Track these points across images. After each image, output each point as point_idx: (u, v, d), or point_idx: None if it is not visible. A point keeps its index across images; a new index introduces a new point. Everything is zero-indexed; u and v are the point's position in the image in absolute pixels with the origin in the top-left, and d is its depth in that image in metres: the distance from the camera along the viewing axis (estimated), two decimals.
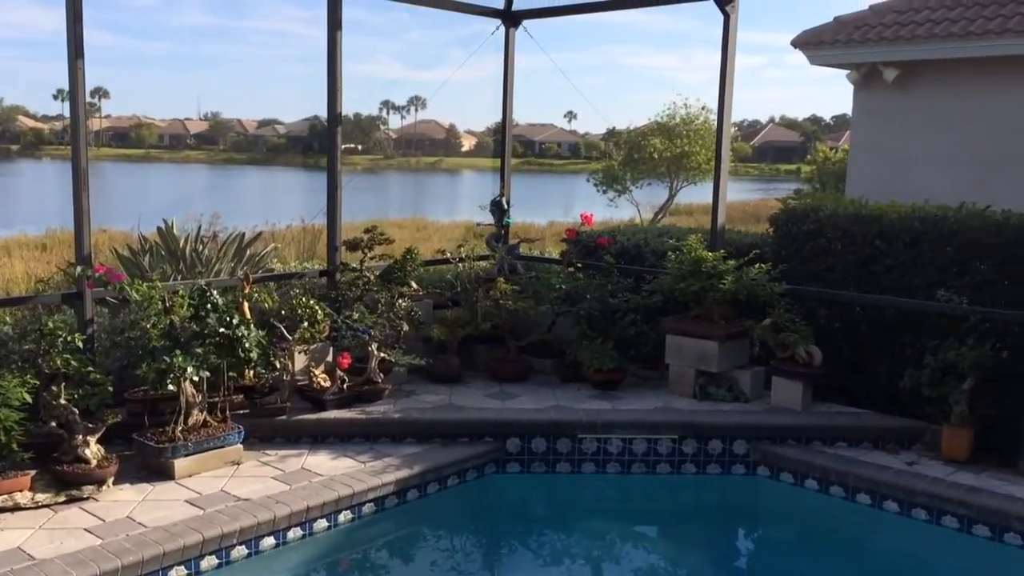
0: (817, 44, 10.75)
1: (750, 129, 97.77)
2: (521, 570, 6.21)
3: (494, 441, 6.71)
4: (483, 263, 8.91)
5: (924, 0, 10.50)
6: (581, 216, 9.05)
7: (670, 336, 7.56)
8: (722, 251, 7.57)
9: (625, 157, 27.41)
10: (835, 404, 7.22)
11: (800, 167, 37.96)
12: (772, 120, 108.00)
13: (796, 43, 10.94)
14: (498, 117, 9.62)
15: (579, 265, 8.32)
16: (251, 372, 6.72)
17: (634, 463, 6.76)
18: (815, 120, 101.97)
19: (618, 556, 6.33)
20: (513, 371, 7.90)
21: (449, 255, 8.75)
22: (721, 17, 7.63)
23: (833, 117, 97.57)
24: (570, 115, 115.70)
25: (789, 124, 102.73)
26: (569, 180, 59.51)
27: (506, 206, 9.22)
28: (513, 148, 10.05)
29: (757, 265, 7.39)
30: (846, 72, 11.01)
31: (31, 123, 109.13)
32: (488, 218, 9.26)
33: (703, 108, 25.72)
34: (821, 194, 15.49)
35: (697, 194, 27.79)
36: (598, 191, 27.67)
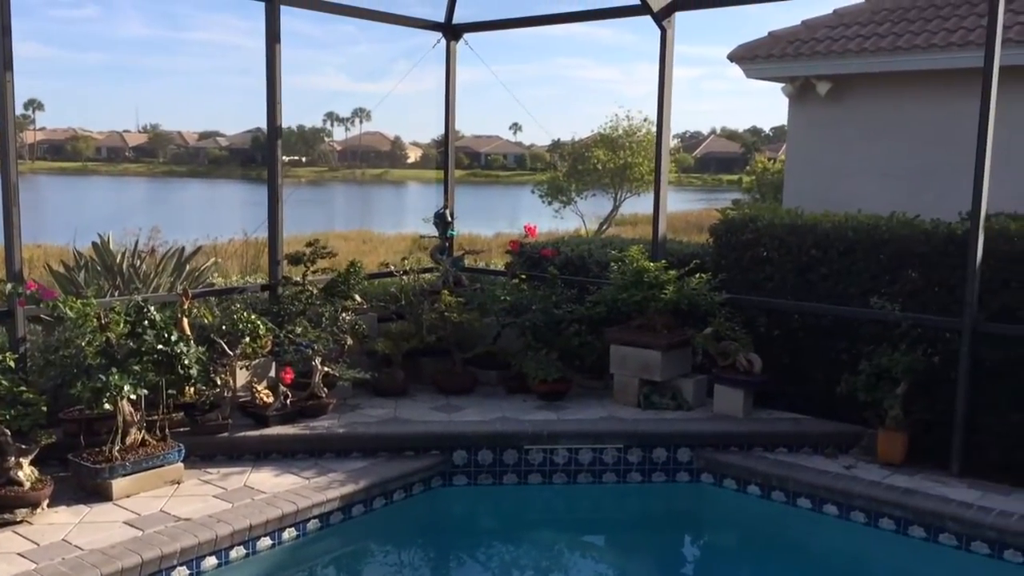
0: (752, 58, 11.00)
1: (692, 140, 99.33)
2: None
3: (440, 454, 6.69)
4: (428, 275, 8.90)
5: (854, 16, 10.83)
6: (525, 228, 9.10)
7: (614, 346, 7.64)
8: (663, 261, 7.68)
9: (570, 168, 27.61)
10: (775, 411, 7.36)
11: (742, 177, 38.67)
12: (714, 131, 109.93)
13: (732, 57, 11.18)
14: (443, 129, 9.64)
15: (524, 276, 8.36)
16: (191, 389, 6.62)
17: (580, 473, 6.80)
18: (755, 131, 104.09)
19: (566, 566, 6.36)
20: (459, 383, 7.89)
21: (393, 268, 8.71)
22: (659, 31, 7.77)
23: (772, 128, 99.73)
24: (515, 127, 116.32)
25: (730, 135, 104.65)
26: (515, 191, 59.75)
27: (450, 218, 9.22)
28: (459, 160, 10.09)
29: (698, 275, 7.51)
30: (781, 85, 11.28)
31: None
32: (433, 230, 9.25)
33: (645, 120, 26.10)
34: (759, 205, 15.82)
35: (641, 204, 28.08)
36: (544, 202, 27.82)
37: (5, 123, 6.07)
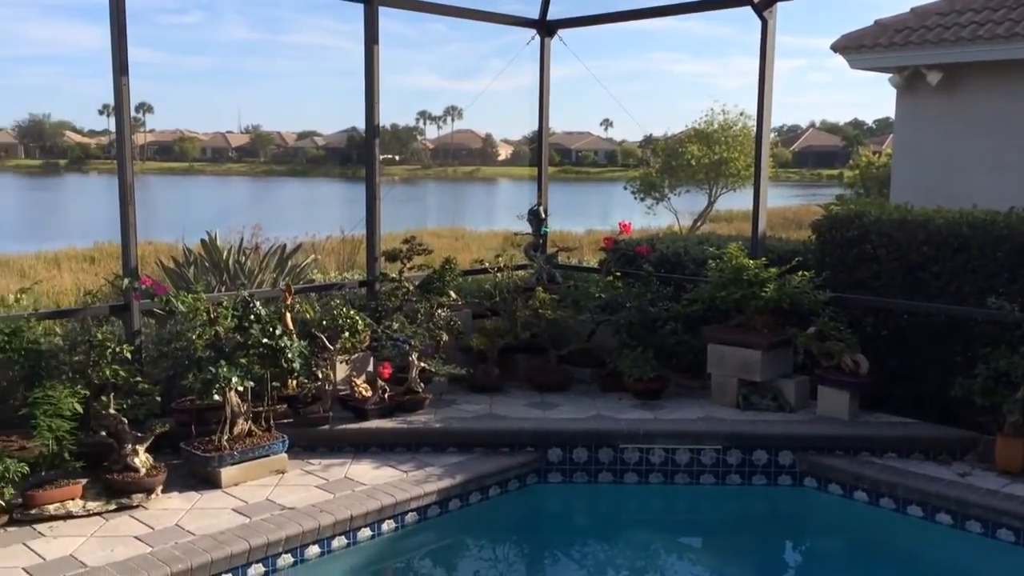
0: (857, 48, 10.61)
1: (790, 134, 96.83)
2: None
3: (535, 451, 6.69)
4: (521, 272, 8.91)
5: (967, 1, 10.33)
6: (619, 225, 9.01)
7: (711, 345, 7.49)
8: (763, 258, 7.48)
9: (663, 164, 27.21)
10: (883, 414, 7.09)
11: (842, 172, 37.44)
12: (812, 125, 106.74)
13: (836, 47, 10.81)
14: (534, 126, 9.64)
15: (618, 274, 8.28)
16: (294, 382, 6.80)
17: (677, 473, 6.70)
18: (857, 124, 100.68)
19: (662, 568, 6.27)
20: (553, 380, 7.88)
21: (487, 265, 8.76)
22: (759, 23, 7.57)
23: (875, 121, 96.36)
24: (607, 123, 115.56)
25: (830, 128, 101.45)
26: (606, 188, 59.31)
27: (543, 215, 9.21)
28: (550, 156, 10.04)
29: (800, 272, 7.30)
30: (888, 76, 10.85)
31: (78, 138, 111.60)
32: (525, 227, 9.26)
33: (741, 114, 25.49)
34: (865, 200, 15.27)
35: (736, 200, 27.52)
36: (636, 199, 27.49)
37: (122, 125, 6.36)
